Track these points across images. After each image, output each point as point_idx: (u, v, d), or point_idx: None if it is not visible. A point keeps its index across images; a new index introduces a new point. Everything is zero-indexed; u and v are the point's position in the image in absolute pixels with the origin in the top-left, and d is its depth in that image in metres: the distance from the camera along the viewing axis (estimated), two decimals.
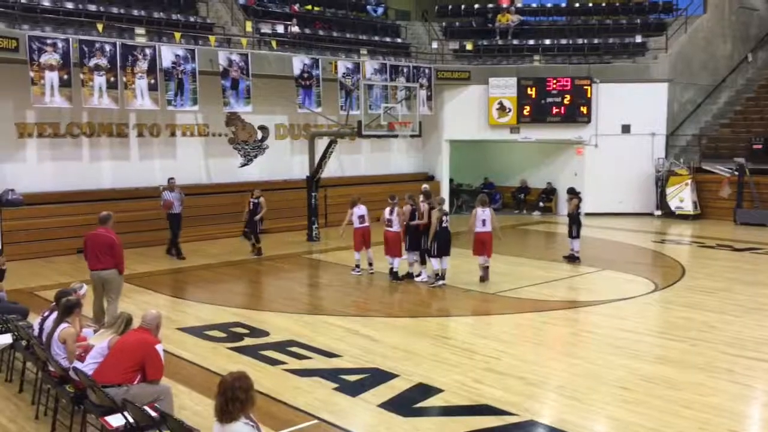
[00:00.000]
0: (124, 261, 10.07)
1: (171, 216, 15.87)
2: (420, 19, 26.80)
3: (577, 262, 15.19)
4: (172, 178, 16.28)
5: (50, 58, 15.52)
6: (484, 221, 13.31)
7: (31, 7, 16.50)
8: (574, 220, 15.16)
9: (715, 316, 10.92)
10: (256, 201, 16.28)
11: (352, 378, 8.35)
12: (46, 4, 16.91)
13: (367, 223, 14.25)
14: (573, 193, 15.55)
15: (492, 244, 13.47)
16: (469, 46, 23.93)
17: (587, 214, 22.62)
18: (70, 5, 17.23)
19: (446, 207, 14.13)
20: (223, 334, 10.19)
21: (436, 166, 24.43)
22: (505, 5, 25.73)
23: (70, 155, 17.45)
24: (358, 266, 14.25)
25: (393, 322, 10.87)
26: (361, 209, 14.23)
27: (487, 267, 13.57)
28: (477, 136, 23.77)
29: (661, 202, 22.61)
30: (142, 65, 16.80)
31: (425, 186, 15.64)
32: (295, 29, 20.71)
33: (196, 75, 17.61)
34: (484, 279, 13.45)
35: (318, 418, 7.18)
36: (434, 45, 23.98)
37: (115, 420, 5.85)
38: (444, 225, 13.01)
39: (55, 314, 7.44)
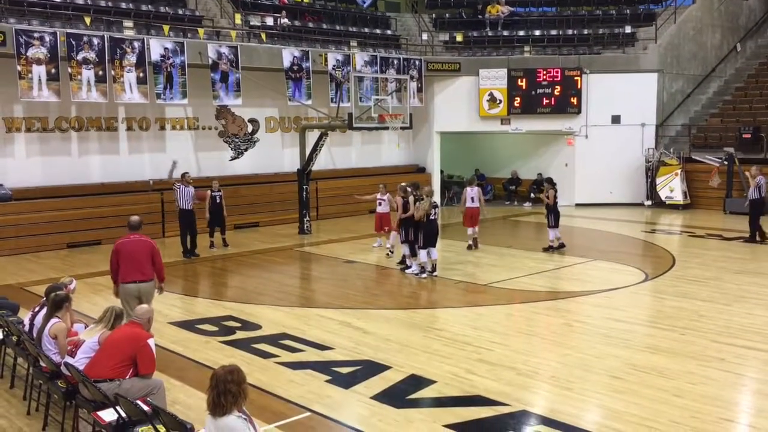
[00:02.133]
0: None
1: (187, 213, 15.24)
2: (410, 10, 26.73)
3: (563, 249, 15.40)
4: (187, 173, 15.68)
5: (38, 51, 15.41)
6: (473, 198, 15.70)
7: (17, 0, 16.35)
8: (552, 210, 15.42)
9: (705, 305, 10.98)
10: (220, 194, 16.12)
11: (345, 370, 8.36)
12: None
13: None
14: (551, 183, 15.86)
15: (479, 217, 15.93)
16: (459, 38, 23.90)
17: (578, 205, 22.76)
18: None
19: (436, 199, 14.36)
20: (215, 328, 10.18)
21: (426, 158, 24.43)
22: None
23: (59, 150, 17.35)
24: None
25: (385, 314, 10.88)
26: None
27: (476, 237, 15.95)
28: (467, 128, 23.78)
29: (652, 192, 22.70)
30: (131, 58, 16.70)
31: (408, 183, 15.53)
32: (285, 21, 20.63)
33: (186, 68, 17.52)
34: (472, 247, 15.77)
35: (311, 411, 7.18)
36: (424, 36, 23.94)
37: (108, 415, 5.83)
38: (432, 217, 13.00)
39: (45, 309, 7.41)
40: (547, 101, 22.79)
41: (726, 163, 21.24)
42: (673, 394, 7.46)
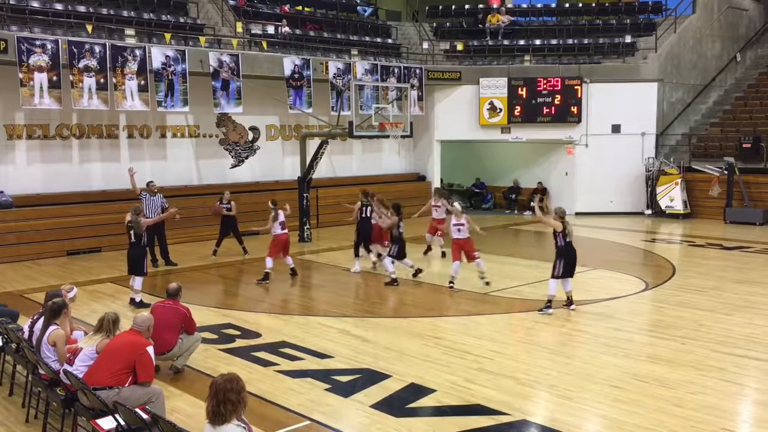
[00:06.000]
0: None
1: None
2: (411, 19, 26.82)
3: (395, 284, 13.25)
4: (151, 182, 15.42)
5: (39, 59, 15.45)
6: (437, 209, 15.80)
7: (19, 8, 16.41)
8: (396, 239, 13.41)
9: (705, 315, 10.97)
10: (228, 206, 16.06)
11: (345, 379, 8.34)
12: (35, 5, 16.83)
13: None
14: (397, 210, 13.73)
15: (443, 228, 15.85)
16: (459, 47, 23.97)
17: (578, 214, 22.75)
18: (59, 6, 17.15)
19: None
20: (215, 336, 10.17)
21: (427, 166, 24.46)
22: (495, 5, 25.80)
23: (60, 157, 17.38)
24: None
25: (385, 323, 10.87)
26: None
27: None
28: (468, 137, 23.81)
29: (652, 202, 22.71)
30: (132, 66, 16.74)
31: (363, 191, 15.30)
32: (286, 30, 20.69)
33: (187, 76, 17.55)
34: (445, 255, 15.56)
35: (310, 419, 7.17)
36: (425, 45, 24.01)
37: (106, 423, 5.82)
38: (568, 240, 11.04)
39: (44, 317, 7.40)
40: (548, 110, 22.82)
41: (726, 172, 21.26)
42: (674, 403, 7.44)
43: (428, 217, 16.51)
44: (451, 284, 12.91)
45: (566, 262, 11.05)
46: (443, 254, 16.24)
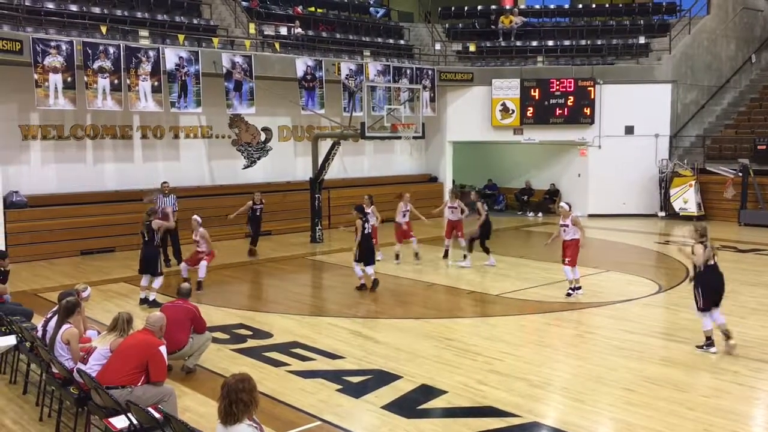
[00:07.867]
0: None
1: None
2: (423, 20, 26.79)
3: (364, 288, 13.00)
4: (165, 182, 15.54)
5: (54, 60, 15.55)
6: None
7: (35, 9, 16.54)
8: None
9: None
10: (261, 206, 16.45)
11: (356, 379, 8.35)
12: (50, 6, 16.95)
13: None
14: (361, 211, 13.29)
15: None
16: (472, 48, 23.94)
17: (591, 216, 22.62)
18: (74, 7, 17.26)
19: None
20: (227, 336, 10.20)
21: (439, 167, 24.43)
22: (508, 6, 25.78)
23: (74, 157, 17.49)
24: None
25: (396, 324, 10.86)
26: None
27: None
28: (480, 138, 23.76)
29: (665, 204, 22.57)
30: (146, 67, 16.82)
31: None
32: (299, 31, 20.74)
33: (200, 77, 17.62)
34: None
35: (321, 420, 7.18)
36: (437, 46, 23.98)
37: (119, 421, 5.85)
38: (711, 263, 9.54)
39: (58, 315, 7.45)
40: (560, 111, 22.74)
41: (740, 174, 21.11)
42: (687, 407, 7.40)
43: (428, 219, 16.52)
44: (570, 291, 12.27)
45: (706, 289, 9.43)
46: (465, 257, 15.74)
